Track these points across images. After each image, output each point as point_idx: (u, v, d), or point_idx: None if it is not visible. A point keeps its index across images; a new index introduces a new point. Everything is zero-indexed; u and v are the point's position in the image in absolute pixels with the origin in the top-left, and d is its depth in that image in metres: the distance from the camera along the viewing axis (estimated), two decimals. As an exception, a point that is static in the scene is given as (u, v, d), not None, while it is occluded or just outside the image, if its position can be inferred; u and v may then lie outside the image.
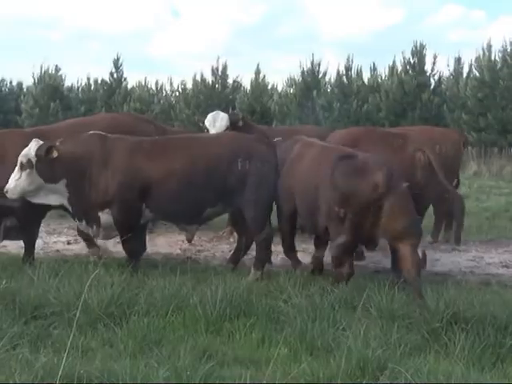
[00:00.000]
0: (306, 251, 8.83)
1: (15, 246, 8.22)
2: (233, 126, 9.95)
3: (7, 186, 7.34)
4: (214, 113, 10.25)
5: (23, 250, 8.04)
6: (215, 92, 32.20)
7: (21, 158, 7.33)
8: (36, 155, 7.30)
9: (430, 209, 9.62)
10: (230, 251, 9.60)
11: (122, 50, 72.55)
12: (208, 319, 5.74)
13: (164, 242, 9.93)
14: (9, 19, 69.43)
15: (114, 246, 9.17)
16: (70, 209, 7.75)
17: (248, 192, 7.62)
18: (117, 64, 35.27)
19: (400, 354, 5.02)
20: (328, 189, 6.90)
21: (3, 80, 42.98)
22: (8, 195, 7.36)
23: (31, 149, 7.33)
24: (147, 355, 5.00)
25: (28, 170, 7.32)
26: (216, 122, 9.95)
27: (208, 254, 9.36)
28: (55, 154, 7.32)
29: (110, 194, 7.48)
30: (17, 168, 7.34)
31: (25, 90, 39.38)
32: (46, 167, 7.36)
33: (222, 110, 10.80)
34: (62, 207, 7.91)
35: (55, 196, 7.62)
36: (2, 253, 8.41)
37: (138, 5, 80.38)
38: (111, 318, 5.70)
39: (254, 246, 8.09)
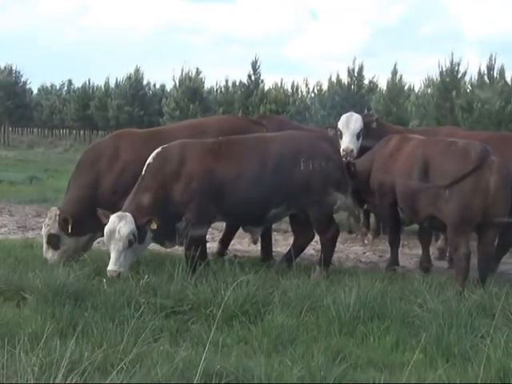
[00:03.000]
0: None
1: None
2: (366, 127, 9.78)
3: None
4: (348, 114, 10.03)
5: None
6: (351, 93, 32.01)
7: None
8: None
9: None
10: (364, 253, 9.56)
11: (261, 53, 73.97)
12: (341, 321, 5.70)
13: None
14: (156, 26, 72.55)
15: (249, 245, 9.33)
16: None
17: (312, 192, 7.53)
18: (255, 66, 35.86)
19: (543, 366, 4.77)
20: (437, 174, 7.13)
21: (148, 83, 45.05)
22: None
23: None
24: (281, 354, 5.04)
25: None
26: (350, 123, 9.79)
27: (341, 256, 9.30)
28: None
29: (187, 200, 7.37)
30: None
31: (167, 92, 41.07)
32: None
33: (357, 111, 10.64)
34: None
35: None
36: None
37: (278, 8, 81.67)
38: (246, 316, 5.80)
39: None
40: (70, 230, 7.76)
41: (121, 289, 6.22)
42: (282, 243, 9.59)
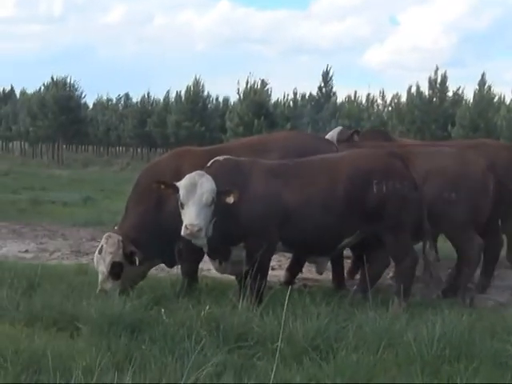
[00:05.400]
0: None
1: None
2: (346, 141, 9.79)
3: None
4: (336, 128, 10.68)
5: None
6: (432, 106, 31.68)
7: None
8: None
9: None
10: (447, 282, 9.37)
11: (333, 63, 74.24)
12: (424, 359, 5.57)
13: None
14: (221, 36, 73.92)
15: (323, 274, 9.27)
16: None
17: (387, 216, 7.49)
18: (326, 78, 36.03)
19: None
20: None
21: (209, 96, 45.35)
22: None
23: None
24: (356, 395, 4.98)
25: None
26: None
27: (423, 286, 9.14)
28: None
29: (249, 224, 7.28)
30: None
31: (230, 106, 41.34)
32: None
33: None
34: None
35: None
36: (205, 276, 8.79)
37: (353, 14, 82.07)
38: (317, 352, 5.73)
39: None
40: (140, 258, 7.83)
41: (181, 320, 6.26)
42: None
